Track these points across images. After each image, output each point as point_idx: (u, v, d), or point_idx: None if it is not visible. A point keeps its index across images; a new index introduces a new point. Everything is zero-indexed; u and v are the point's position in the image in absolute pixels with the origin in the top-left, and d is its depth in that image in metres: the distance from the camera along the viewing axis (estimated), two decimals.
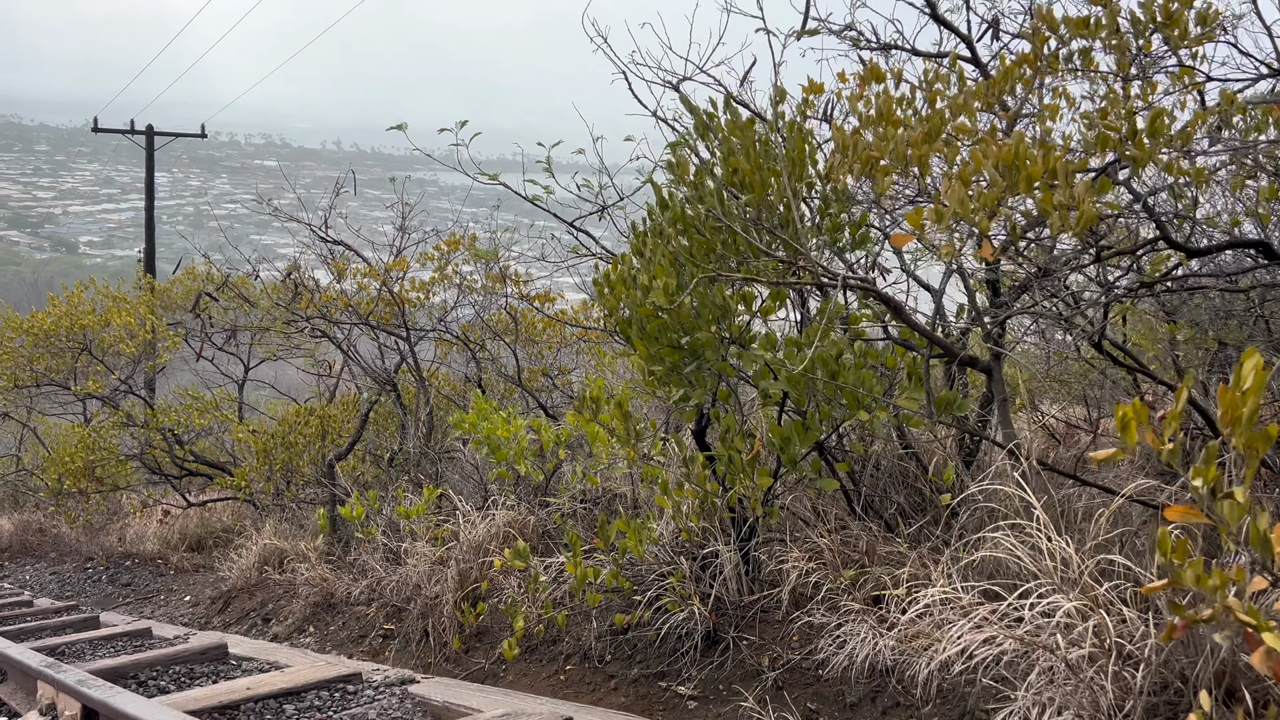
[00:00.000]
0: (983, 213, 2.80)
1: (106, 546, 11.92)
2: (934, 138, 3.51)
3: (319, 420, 10.27)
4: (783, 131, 4.41)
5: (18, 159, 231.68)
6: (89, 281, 11.52)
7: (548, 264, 6.45)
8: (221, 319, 11.63)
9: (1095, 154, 3.42)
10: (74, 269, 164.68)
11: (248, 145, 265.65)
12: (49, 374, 11.50)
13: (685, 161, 4.39)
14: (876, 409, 3.65)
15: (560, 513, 6.05)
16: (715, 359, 4.01)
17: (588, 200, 5.72)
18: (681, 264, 4.01)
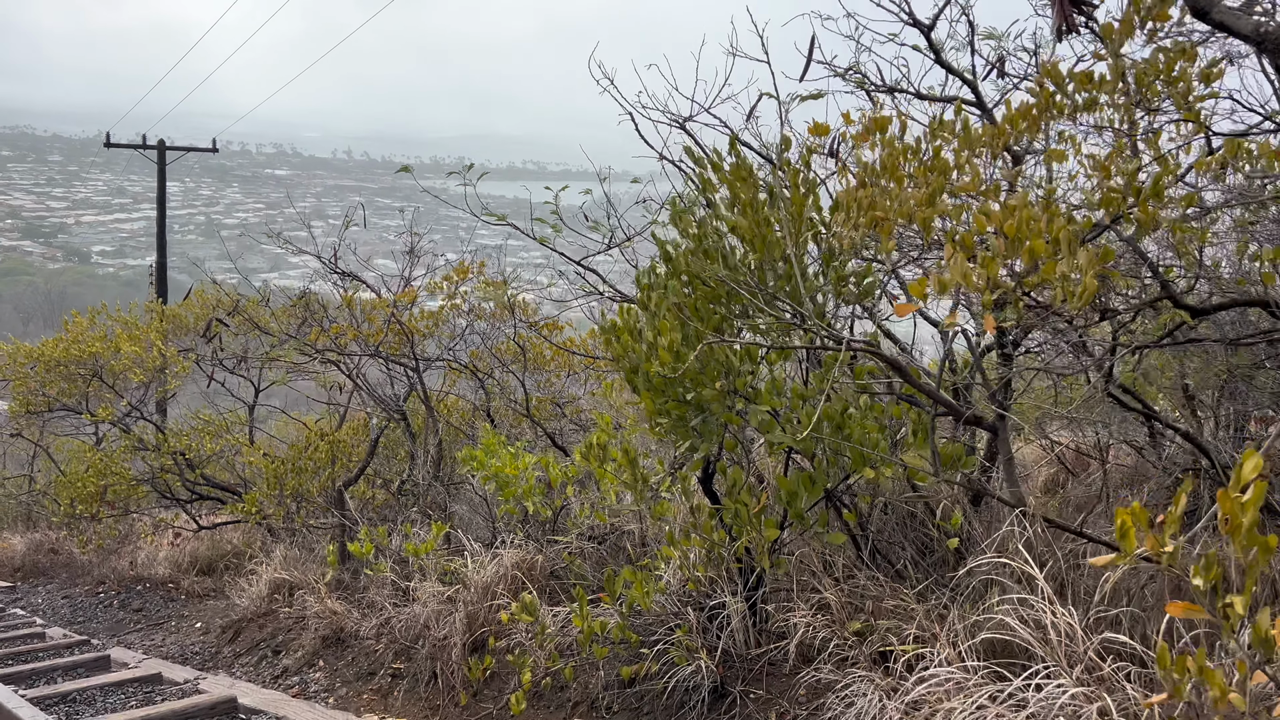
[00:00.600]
0: (985, 289, 2.80)
1: (118, 570, 11.96)
2: (936, 198, 3.51)
3: (329, 445, 10.30)
4: (785, 186, 4.42)
5: (31, 169, 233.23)
6: (100, 306, 11.59)
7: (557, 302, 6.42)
8: (232, 344, 11.69)
9: (1098, 211, 3.42)
10: (86, 279, 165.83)
11: (258, 154, 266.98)
12: (60, 398, 11.57)
13: (688, 214, 4.40)
14: (882, 466, 3.66)
15: (568, 550, 6.06)
16: (721, 411, 4.02)
17: (595, 240, 5.72)
18: (686, 317, 4.02)
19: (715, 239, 4.28)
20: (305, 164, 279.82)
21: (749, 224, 4.06)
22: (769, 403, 4.10)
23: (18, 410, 11.62)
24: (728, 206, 4.15)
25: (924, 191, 3.56)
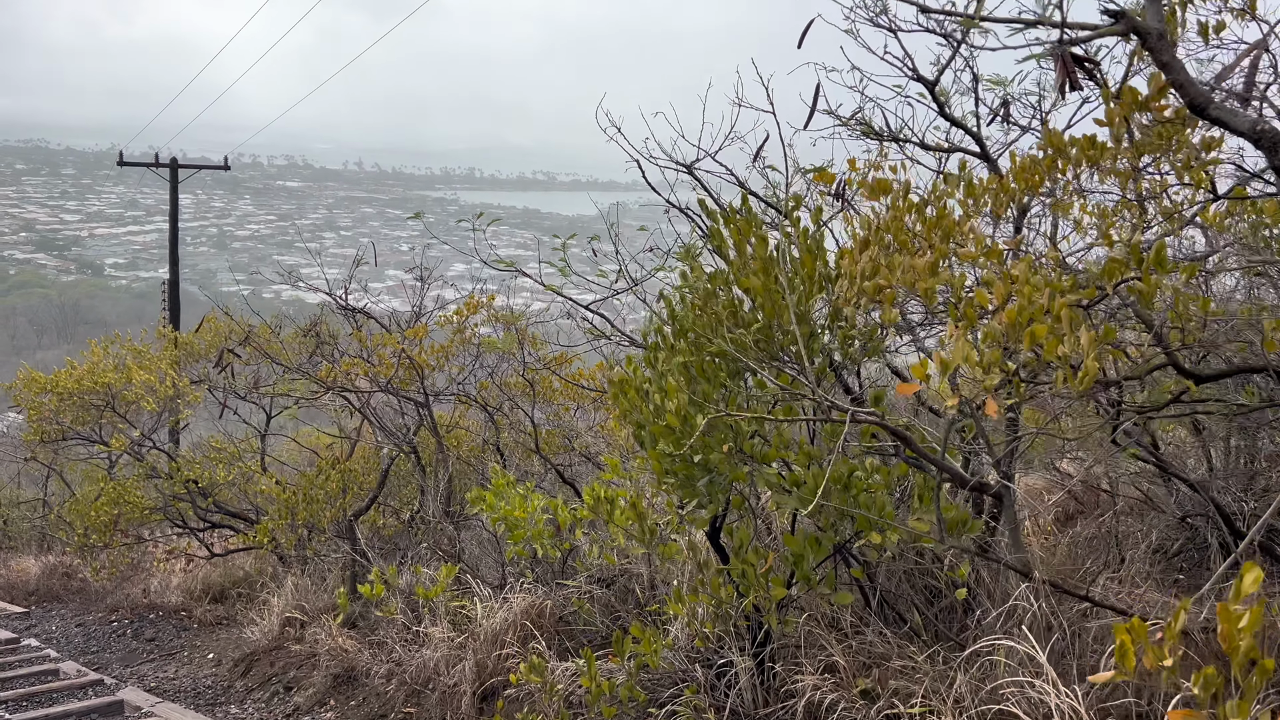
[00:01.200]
0: (986, 375, 2.82)
1: (131, 598, 12.03)
2: (938, 267, 3.53)
3: (340, 474, 10.35)
4: (794, 242, 4.45)
5: (45, 182, 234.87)
6: (114, 331, 11.68)
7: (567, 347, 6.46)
8: (244, 371, 11.76)
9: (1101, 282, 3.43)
10: (99, 291, 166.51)
11: (270, 167, 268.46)
12: (74, 426, 11.66)
13: (699, 268, 4.44)
14: (889, 531, 3.68)
15: (577, 594, 6.08)
16: (728, 471, 4.04)
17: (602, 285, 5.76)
18: (694, 377, 4.05)
19: (725, 295, 4.31)
20: (316, 175, 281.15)
21: (760, 285, 4.09)
22: (776, 455, 4.12)
23: (32, 438, 11.71)
24: (739, 266, 4.18)
25: (926, 260, 3.58)
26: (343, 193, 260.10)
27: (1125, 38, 2.73)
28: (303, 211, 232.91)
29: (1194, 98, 2.49)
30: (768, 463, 4.01)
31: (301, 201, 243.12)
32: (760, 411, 4.10)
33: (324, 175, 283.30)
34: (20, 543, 19.99)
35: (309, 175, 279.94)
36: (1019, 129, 5.23)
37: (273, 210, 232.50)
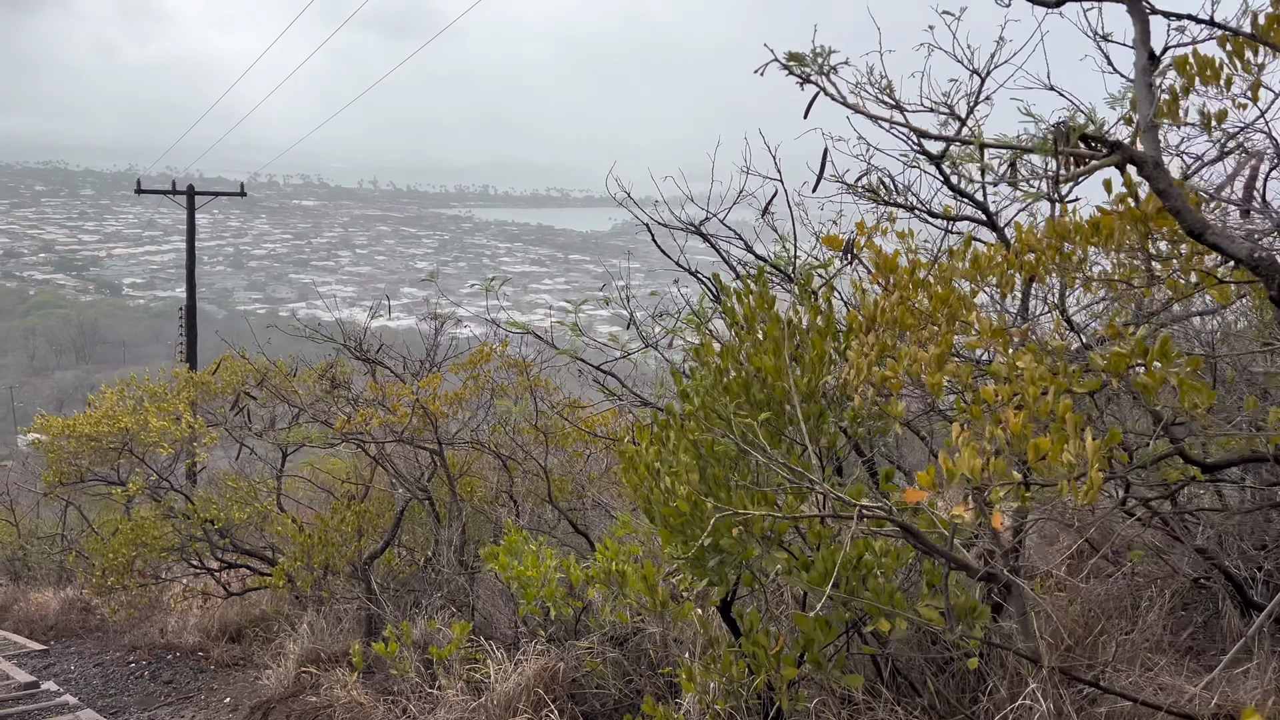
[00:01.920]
0: (995, 485, 2.85)
1: (149, 637, 12.11)
2: (944, 361, 3.56)
3: (355, 516, 10.42)
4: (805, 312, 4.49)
5: (64, 203, 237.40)
6: (129, 379, 11.80)
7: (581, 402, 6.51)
8: (260, 412, 11.85)
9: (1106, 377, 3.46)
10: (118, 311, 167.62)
11: (286, 186, 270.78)
12: (92, 468, 11.77)
13: (709, 344, 4.48)
14: (898, 619, 3.70)
15: (590, 654, 6.10)
16: (738, 552, 4.07)
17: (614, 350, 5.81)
18: (704, 460, 4.09)
19: (737, 372, 4.35)
20: (332, 194, 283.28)
21: (772, 365, 4.13)
22: (786, 529, 4.15)
23: (51, 479, 11.83)
24: (750, 345, 4.22)
25: (933, 352, 3.61)
26: (358, 211, 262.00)
27: (1121, 168, 2.76)
28: (318, 230, 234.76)
29: (1191, 224, 2.51)
30: (779, 544, 4.04)
31: (317, 220, 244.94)
32: (770, 489, 4.13)
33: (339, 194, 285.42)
34: (40, 573, 20.16)
35: (324, 194, 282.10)
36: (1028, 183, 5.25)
37: (289, 229, 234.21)
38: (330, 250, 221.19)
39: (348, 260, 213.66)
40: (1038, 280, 3.95)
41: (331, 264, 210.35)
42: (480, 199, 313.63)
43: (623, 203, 5.60)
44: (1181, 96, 3.93)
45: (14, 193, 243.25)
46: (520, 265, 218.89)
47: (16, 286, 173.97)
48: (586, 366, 6.25)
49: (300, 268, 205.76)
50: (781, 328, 4.25)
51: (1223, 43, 3.77)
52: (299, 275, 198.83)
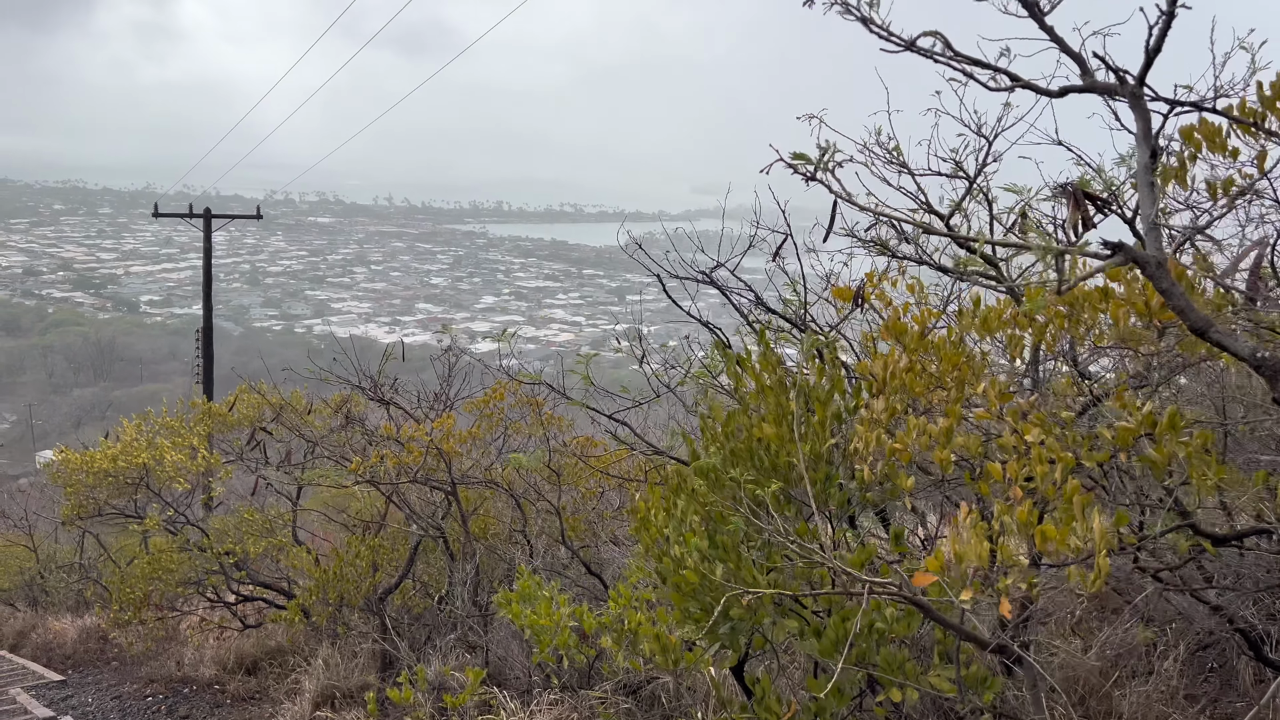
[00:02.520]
0: (1003, 573, 2.86)
1: (165, 670, 12.16)
2: (952, 435, 3.58)
3: (370, 551, 10.47)
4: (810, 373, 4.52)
5: (82, 222, 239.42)
6: (146, 413, 11.90)
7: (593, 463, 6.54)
8: (275, 445, 11.92)
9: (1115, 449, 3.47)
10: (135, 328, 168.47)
11: (301, 203, 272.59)
12: (109, 502, 11.87)
13: (717, 408, 4.51)
14: (908, 689, 3.71)
15: (603, 702, 6.12)
16: (748, 619, 4.09)
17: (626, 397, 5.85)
18: (711, 528, 4.11)
19: (746, 434, 4.38)
20: (347, 211, 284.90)
21: (775, 434, 4.15)
22: (797, 588, 4.16)
23: (69, 513, 11.93)
24: (757, 412, 4.25)
25: (942, 425, 3.63)
26: (373, 227, 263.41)
27: (1125, 269, 2.78)
28: (334, 247, 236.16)
29: (1194, 322, 2.53)
30: (790, 611, 4.06)
31: (333, 237, 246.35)
32: (780, 555, 4.15)
33: (355, 211, 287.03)
34: (58, 598, 20.29)
35: (340, 211, 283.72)
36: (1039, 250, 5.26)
37: (304, 246, 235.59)
38: (346, 267, 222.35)
39: (363, 277, 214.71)
40: (1046, 347, 3.96)
41: (347, 280, 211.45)
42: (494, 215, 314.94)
43: (634, 255, 5.64)
44: (1189, 163, 3.96)
45: (33, 211, 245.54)
46: (534, 280, 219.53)
47: (35, 305, 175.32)
48: (601, 411, 6.27)
49: (316, 284, 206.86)
50: (786, 393, 4.27)
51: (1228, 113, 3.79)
52: (315, 292, 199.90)
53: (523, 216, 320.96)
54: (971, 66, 3.07)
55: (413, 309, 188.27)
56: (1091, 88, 2.79)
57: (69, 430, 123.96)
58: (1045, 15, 2.92)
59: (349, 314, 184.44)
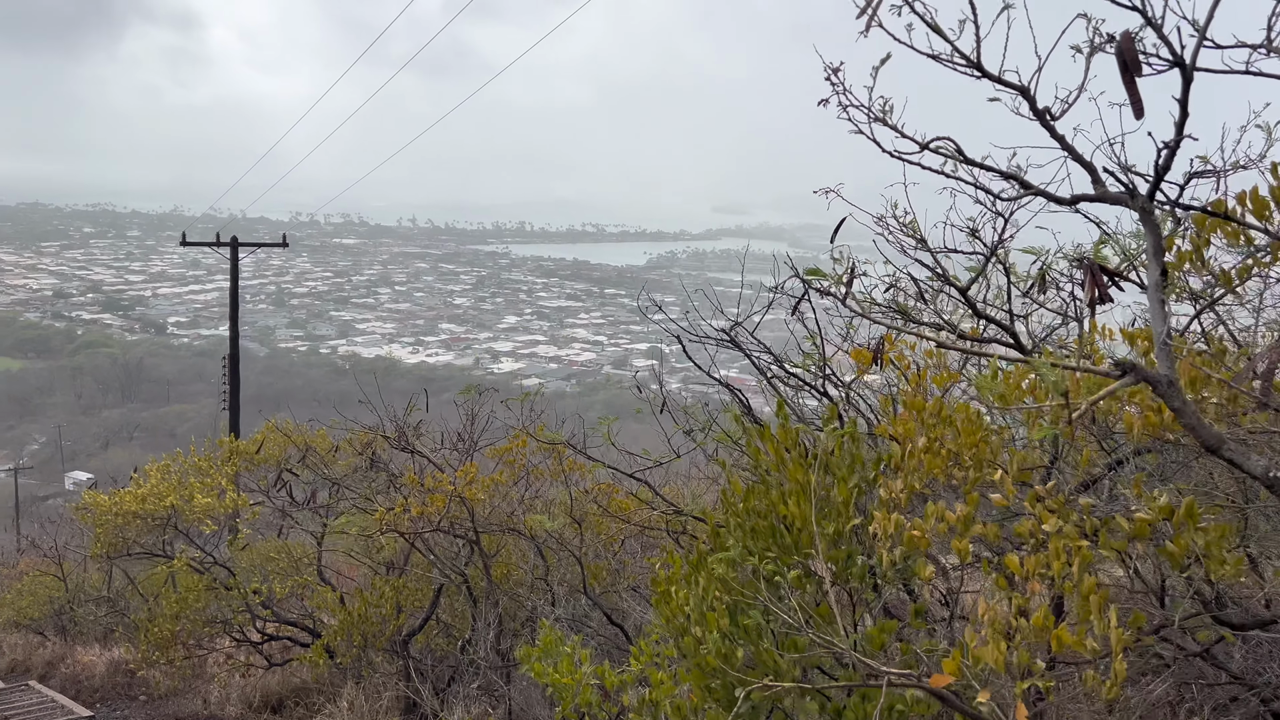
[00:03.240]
0: (1018, 679, 2.89)
1: (192, 708, 12.28)
2: (970, 523, 3.61)
3: (394, 592, 10.54)
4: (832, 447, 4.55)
5: (111, 245, 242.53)
6: (175, 454, 12.06)
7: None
8: (300, 484, 12.04)
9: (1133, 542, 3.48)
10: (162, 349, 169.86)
11: (326, 225, 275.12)
12: (138, 541, 12.02)
13: (735, 483, 4.55)
14: None
15: None
16: (769, 699, 4.12)
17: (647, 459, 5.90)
18: (732, 608, 4.15)
19: (765, 512, 4.42)
20: (371, 232, 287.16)
21: (797, 512, 4.19)
22: (820, 661, 4.19)
23: (99, 551, 12.09)
24: (777, 489, 4.29)
25: (960, 512, 3.66)
26: (397, 248, 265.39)
27: (1135, 388, 2.81)
28: (358, 268, 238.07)
29: (1207, 440, 2.56)
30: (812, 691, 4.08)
31: (357, 258, 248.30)
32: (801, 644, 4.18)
33: (379, 232, 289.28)
34: (86, 628, 20.47)
35: (364, 232, 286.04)
36: (1057, 314, 5.30)
37: (329, 267, 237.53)
38: (370, 287, 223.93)
39: (387, 297, 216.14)
40: (1064, 435, 3.98)
41: (371, 301, 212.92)
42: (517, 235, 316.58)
43: (657, 320, 5.70)
44: (1204, 247, 3.98)
45: (64, 234, 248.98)
46: (556, 300, 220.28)
47: (65, 326, 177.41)
48: (623, 460, 6.33)
49: (341, 305, 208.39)
50: (806, 470, 4.31)
51: (1241, 200, 3.82)
52: (339, 312, 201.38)
53: (545, 236, 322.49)
54: (982, 172, 3.12)
55: (436, 329, 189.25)
56: (1102, 198, 2.83)
57: (97, 451, 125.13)
58: (1055, 120, 2.96)
59: (373, 334, 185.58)
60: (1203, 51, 2.77)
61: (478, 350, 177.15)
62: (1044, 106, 2.92)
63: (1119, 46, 2.54)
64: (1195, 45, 2.51)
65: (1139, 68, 2.54)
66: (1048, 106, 2.95)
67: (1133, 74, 2.53)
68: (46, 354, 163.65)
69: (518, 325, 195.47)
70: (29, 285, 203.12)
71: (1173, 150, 2.68)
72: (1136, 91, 2.58)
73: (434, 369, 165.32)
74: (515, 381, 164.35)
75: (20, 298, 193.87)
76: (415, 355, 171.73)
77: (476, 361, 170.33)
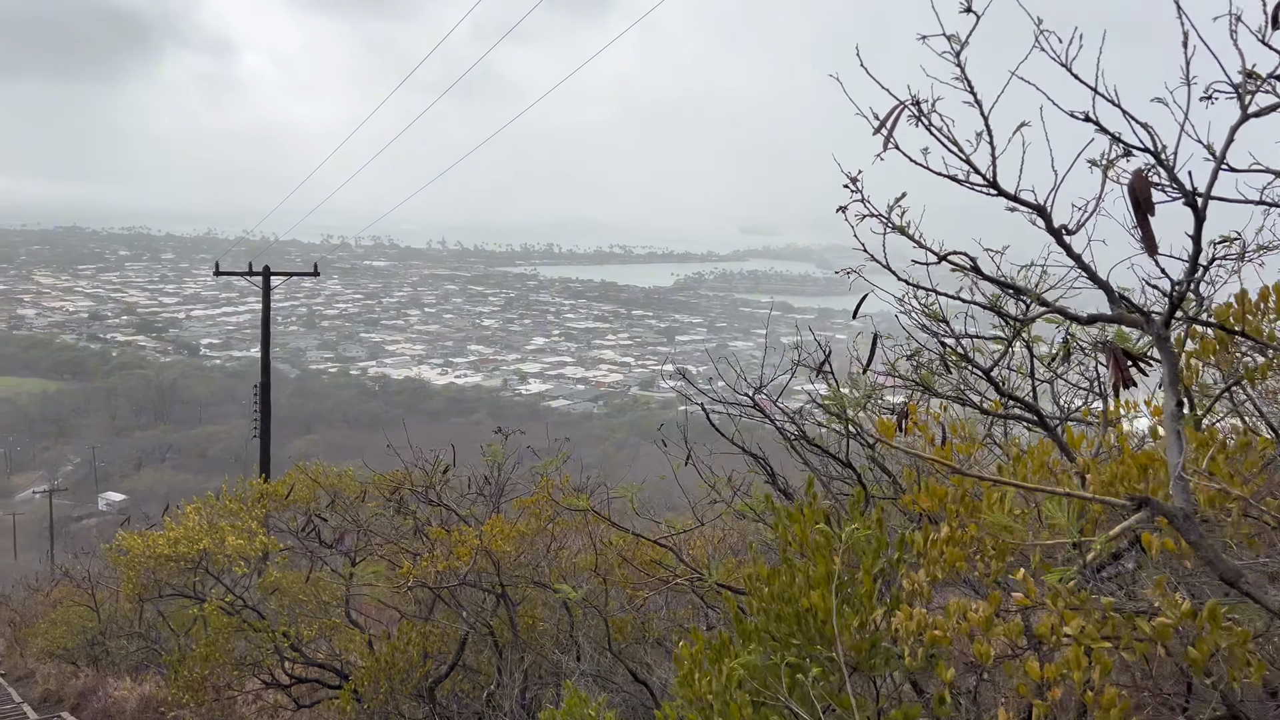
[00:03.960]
0: None
1: None
2: (992, 623, 3.62)
3: (421, 638, 10.60)
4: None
5: (146, 267, 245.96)
6: (207, 497, 12.22)
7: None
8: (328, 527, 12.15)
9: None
10: (194, 370, 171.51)
11: (357, 247, 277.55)
12: (169, 582, 12.17)
13: (761, 565, 4.58)
14: None
15: None
16: None
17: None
18: (758, 699, 4.17)
19: (790, 598, 4.44)
20: (402, 255, 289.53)
21: (821, 603, 4.22)
22: None
23: (131, 592, 12.24)
24: (801, 589, 4.32)
25: (982, 613, 3.66)
26: (427, 270, 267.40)
27: (1150, 524, 2.82)
28: (389, 290, 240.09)
29: (1224, 573, 2.57)
30: None
31: (387, 280, 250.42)
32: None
33: (409, 254, 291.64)
34: (118, 659, 20.70)
35: (395, 255, 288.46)
36: (1081, 391, 5.30)
37: (360, 289, 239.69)
38: (400, 309, 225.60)
39: (417, 319, 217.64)
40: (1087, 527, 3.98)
41: (401, 323, 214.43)
42: (545, 257, 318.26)
43: (682, 391, 5.75)
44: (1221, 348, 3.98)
45: (100, 258, 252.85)
46: (584, 321, 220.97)
47: (100, 348, 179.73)
48: (646, 537, 6.36)
49: (371, 327, 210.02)
50: (832, 557, 4.33)
51: (1264, 296, 3.82)
52: (369, 334, 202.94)
53: (573, 258, 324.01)
54: (999, 288, 3.15)
55: (464, 350, 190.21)
56: (1119, 319, 2.85)
57: (130, 472, 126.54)
58: (1071, 235, 2.99)
59: (403, 356, 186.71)
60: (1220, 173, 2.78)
61: (505, 371, 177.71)
62: (1060, 225, 2.95)
63: (1131, 184, 2.57)
64: (1211, 176, 2.53)
65: (1151, 208, 2.57)
66: (1064, 225, 2.98)
67: (1146, 212, 2.55)
68: (82, 375, 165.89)
69: (545, 346, 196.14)
70: (65, 307, 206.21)
71: (1187, 285, 2.70)
72: (1150, 230, 2.61)
73: (462, 390, 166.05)
74: (542, 403, 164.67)
75: (57, 320, 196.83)
76: (444, 376, 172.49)
77: (504, 383, 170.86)
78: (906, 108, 3.21)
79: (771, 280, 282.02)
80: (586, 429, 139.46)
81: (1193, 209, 2.60)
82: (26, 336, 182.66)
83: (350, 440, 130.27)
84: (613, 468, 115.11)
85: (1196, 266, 2.69)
